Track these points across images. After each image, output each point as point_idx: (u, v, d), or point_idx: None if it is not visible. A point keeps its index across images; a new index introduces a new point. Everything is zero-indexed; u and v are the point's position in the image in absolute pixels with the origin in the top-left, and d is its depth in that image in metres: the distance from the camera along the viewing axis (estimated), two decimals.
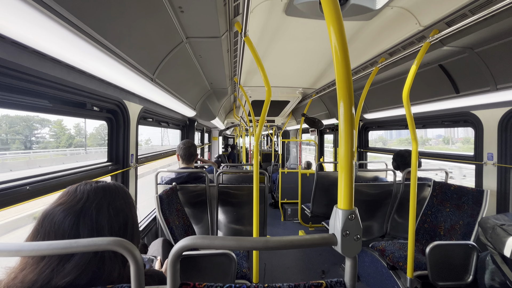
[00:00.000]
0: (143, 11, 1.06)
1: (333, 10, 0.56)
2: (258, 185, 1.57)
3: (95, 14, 0.87)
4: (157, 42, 1.36)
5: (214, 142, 7.54)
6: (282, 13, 1.52)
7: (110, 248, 0.48)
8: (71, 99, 1.29)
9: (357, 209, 0.58)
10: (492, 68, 1.65)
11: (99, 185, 0.69)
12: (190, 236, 0.52)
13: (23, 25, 0.71)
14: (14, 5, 0.63)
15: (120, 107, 1.70)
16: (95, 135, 11.69)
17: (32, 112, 1.08)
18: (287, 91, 3.74)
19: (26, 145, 7.71)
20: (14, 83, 0.93)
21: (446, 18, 1.36)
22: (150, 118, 2.40)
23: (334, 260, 3.04)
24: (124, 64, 1.17)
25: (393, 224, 2.55)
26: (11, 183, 0.97)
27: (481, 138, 2.04)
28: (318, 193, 3.31)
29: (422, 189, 2.38)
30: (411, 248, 1.58)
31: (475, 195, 1.89)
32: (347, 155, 0.58)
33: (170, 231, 1.56)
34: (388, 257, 1.97)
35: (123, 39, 1.09)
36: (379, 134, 10.27)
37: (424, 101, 2.31)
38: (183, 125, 3.77)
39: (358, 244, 0.56)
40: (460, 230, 1.90)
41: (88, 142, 10.12)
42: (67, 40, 0.82)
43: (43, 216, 0.61)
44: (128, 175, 1.86)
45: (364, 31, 1.73)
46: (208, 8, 1.19)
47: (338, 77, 0.58)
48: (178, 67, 1.83)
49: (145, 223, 2.22)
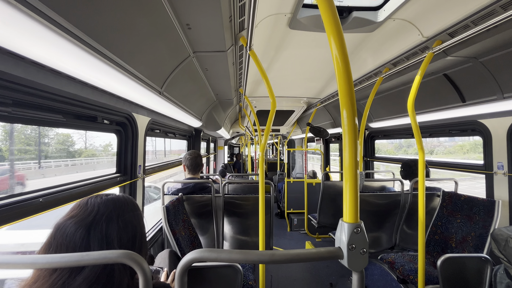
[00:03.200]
0: (153, 29, 1.11)
1: (333, 23, 0.59)
2: (264, 196, 1.57)
3: (108, 34, 0.92)
4: (165, 57, 1.41)
5: (220, 151, 7.58)
6: (286, 26, 1.57)
7: (120, 261, 0.49)
8: (83, 113, 1.34)
9: (365, 219, 0.58)
10: (498, 77, 1.65)
11: (109, 198, 0.72)
12: (197, 249, 0.54)
13: (42, 46, 0.76)
14: (34, 28, 0.67)
15: (129, 119, 1.75)
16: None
17: (47, 127, 1.12)
18: (292, 101, 3.77)
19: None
20: (32, 100, 0.99)
21: (449, 29, 1.38)
22: (157, 129, 2.45)
23: (342, 272, 2.97)
24: (133, 79, 1.22)
25: (402, 235, 2.49)
26: (25, 195, 1.00)
27: (490, 147, 2.01)
28: (324, 203, 3.27)
29: (431, 199, 2.34)
30: (422, 260, 1.54)
31: (486, 205, 1.84)
32: (352, 165, 0.59)
33: (176, 242, 1.57)
34: (398, 270, 1.92)
35: (133, 56, 1.14)
36: (400, 142, 9.95)
37: (430, 110, 2.30)
38: (189, 135, 3.82)
39: (364, 258, 0.56)
40: (472, 242, 1.85)
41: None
42: (81, 58, 0.87)
43: (55, 228, 0.63)
44: (136, 186, 1.89)
45: (367, 42, 1.76)
46: (215, 24, 1.24)
47: (340, 87, 0.60)
48: (185, 80, 1.89)
49: (152, 234, 2.23)
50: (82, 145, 10.31)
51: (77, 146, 9.71)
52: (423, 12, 1.37)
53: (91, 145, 11.23)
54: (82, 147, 10.11)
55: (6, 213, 0.91)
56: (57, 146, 8.07)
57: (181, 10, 1.07)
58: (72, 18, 0.75)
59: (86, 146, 10.73)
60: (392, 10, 1.36)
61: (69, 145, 8.92)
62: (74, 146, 9.27)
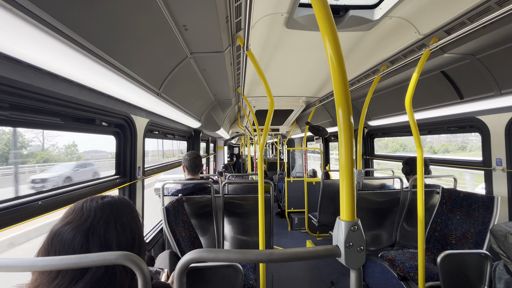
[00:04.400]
0: (149, 31, 1.12)
1: (327, 22, 0.59)
2: (263, 195, 1.57)
3: (105, 36, 0.92)
4: (162, 58, 1.41)
5: (219, 152, 7.59)
6: (283, 26, 1.57)
7: (119, 262, 0.49)
8: (81, 116, 1.34)
9: (365, 217, 0.59)
10: (495, 74, 1.65)
11: (105, 201, 0.69)
12: (196, 250, 0.54)
13: (38, 50, 0.76)
14: (30, 32, 0.68)
15: (128, 121, 1.75)
16: None
17: (45, 130, 1.13)
18: (290, 100, 3.77)
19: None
20: (30, 103, 0.99)
21: (445, 26, 1.38)
22: (156, 130, 2.45)
23: (343, 271, 2.97)
24: (131, 81, 1.22)
25: (402, 232, 2.50)
26: (24, 198, 1.00)
27: (488, 143, 2.01)
28: (324, 202, 3.27)
29: (431, 196, 2.34)
30: (422, 257, 1.54)
31: (485, 201, 1.85)
32: (348, 164, 0.59)
33: (176, 243, 1.57)
34: (399, 267, 1.92)
35: (130, 58, 1.14)
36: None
37: (428, 107, 2.31)
38: (188, 136, 3.82)
39: (361, 256, 0.57)
40: (472, 238, 1.85)
41: None
42: (78, 61, 0.87)
43: (51, 235, 0.61)
44: (135, 187, 1.90)
45: (364, 40, 1.77)
46: (211, 25, 1.24)
47: (335, 86, 0.60)
48: (183, 81, 1.89)
49: (152, 235, 2.23)
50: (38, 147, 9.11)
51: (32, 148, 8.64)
52: (419, 10, 1.38)
53: (54, 146, 10.08)
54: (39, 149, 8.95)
55: (5, 216, 0.91)
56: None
57: (178, 11, 1.07)
58: (68, 21, 0.75)
59: (45, 147, 9.64)
60: (388, 8, 1.37)
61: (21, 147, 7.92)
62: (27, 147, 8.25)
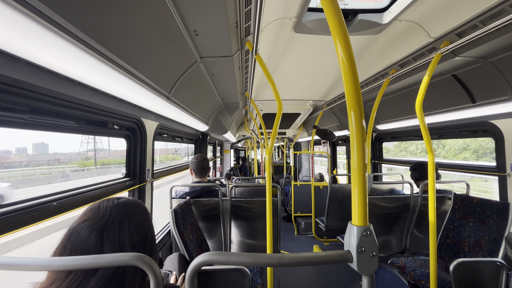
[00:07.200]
0: (161, 36, 1.14)
1: (339, 25, 0.59)
2: (271, 199, 1.57)
3: (118, 41, 0.95)
4: (173, 63, 1.44)
5: (226, 155, 7.62)
6: (291, 30, 1.58)
7: (132, 263, 0.50)
8: (94, 119, 1.38)
9: (374, 223, 0.58)
10: (509, 77, 1.61)
11: (120, 201, 0.73)
12: (207, 252, 0.54)
13: (57, 56, 0.79)
14: (50, 38, 0.70)
15: (138, 124, 1.79)
16: None
17: (60, 132, 1.16)
18: (298, 104, 3.76)
19: None
20: (47, 107, 1.02)
21: (457, 29, 1.36)
22: (165, 134, 2.49)
23: (351, 277, 2.92)
24: (142, 85, 1.25)
25: (413, 239, 2.44)
26: (40, 199, 1.03)
27: (502, 148, 1.96)
28: (332, 206, 3.23)
29: (442, 202, 2.29)
30: (434, 265, 1.50)
31: (500, 208, 1.79)
32: (360, 168, 0.59)
33: (184, 246, 1.58)
34: (409, 275, 1.87)
35: (143, 62, 1.17)
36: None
37: (439, 111, 2.26)
38: (196, 139, 3.86)
39: (374, 261, 0.56)
40: (486, 246, 1.80)
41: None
42: (93, 65, 0.90)
43: (69, 232, 0.65)
44: (145, 189, 1.92)
45: (373, 44, 1.76)
46: (221, 30, 1.26)
47: (347, 89, 0.60)
48: (192, 85, 1.92)
49: (160, 237, 2.25)
50: None
51: None
52: (429, 13, 1.36)
53: None
54: None
55: (24, 216, 0.94)
56: None
57: (189, 17, 1.10)
58: (85, 27, 0.77)
59: None
60: (398, 12, 1.36)
61: None
62: None
